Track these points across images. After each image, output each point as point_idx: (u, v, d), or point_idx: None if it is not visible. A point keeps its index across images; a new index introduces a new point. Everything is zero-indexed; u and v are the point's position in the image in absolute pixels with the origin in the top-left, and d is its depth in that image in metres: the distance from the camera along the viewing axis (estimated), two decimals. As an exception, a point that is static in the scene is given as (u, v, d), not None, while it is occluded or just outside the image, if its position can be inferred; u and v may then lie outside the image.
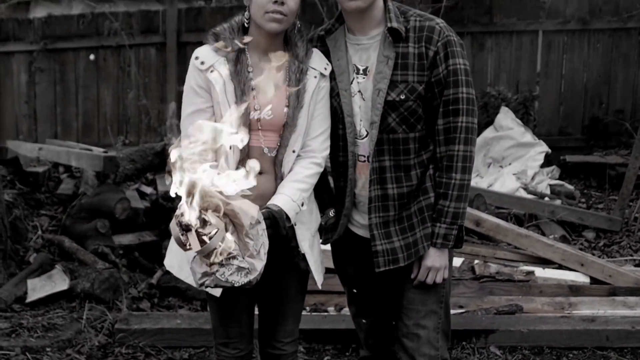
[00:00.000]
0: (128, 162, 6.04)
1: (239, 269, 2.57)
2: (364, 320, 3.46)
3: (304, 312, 4.84)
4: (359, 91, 3.07)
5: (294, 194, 2.95)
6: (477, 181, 8.11)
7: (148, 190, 6.00)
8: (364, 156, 3.10)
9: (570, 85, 9.51)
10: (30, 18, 10.05)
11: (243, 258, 2.57)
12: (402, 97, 3.00)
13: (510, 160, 8.37)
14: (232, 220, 2.57)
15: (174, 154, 2.44)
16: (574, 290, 5.26)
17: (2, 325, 4.58)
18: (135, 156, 6.17)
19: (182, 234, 2.50)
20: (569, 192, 7.73)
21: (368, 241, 3.14)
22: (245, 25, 3.04)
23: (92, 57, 9.88)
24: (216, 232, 2.48)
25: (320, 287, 3.23)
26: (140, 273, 5.40)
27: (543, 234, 6.46)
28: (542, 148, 8.35)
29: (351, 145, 3.10)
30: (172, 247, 3.17)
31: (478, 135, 8.46)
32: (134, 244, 5.60)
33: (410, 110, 3.02)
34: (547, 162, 8.59)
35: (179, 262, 3.11)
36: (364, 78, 3.06)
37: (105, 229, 5.40)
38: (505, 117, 8.55)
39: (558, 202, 7.32)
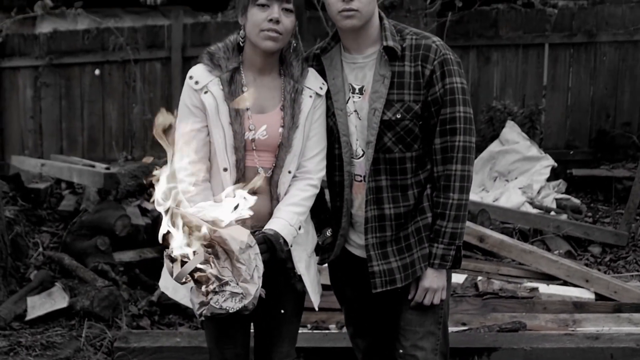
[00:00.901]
0: (130, 178, 6.02)
1: (233, 294, 2.56)
2: (361, 341, 3.42)
3: (305, 330, 4.87)
4: (355, 110, 3.04)
5: (291, 218, 2.93)
6: (483, 195, 8.08)
7: (150, 206, 5.97)
8: (361, 176, 3.08)
9: (576, 99, 9.48)
10: (36, 33, 10.07)
11: (237, 284, 2.56)
12: (398, 116, 2.97)
13: (516, 174, 8.32)
14: (222, 247, 2.56)
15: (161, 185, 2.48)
16: (579, 306, 5.21)
17: (1, 344, 4.55)
18: (138, 172, 6.15)
19: (170, 265, 2.52)
20: (575, 206, 7.68)
21: (365, 261, 3.10)
22: (241, 44, 3.02)
23: (97, 72, 9.90)
24: (191, 259, 2.49)
25: (317, 309, 3.20)
26: (141, 290, 5.37)
27: (548, 249, 6.42)
28: (548, 162, 8.30)
29: (347, 165, 3.07)
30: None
31: (484, 149, 8.45)
32: (135, 260, 5.57)
33: (406, 130, 2.99)
34: (554, 175, 8.55)
35: (173, 284, 3.08)
36: (359, 97, 3.03)
37: (106, 246, 5.37)
38: (511, 131, 8.50)
39: (564, 216, 7.27)
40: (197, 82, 2.96)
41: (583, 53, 9.41)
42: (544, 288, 5.40)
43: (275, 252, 2.83)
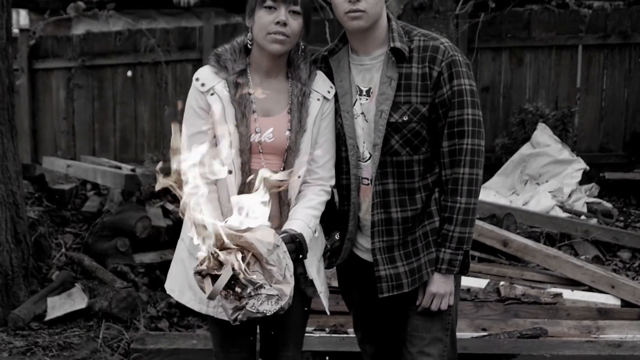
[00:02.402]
0: (154, 179, 6.01)
1: (269, 297, 2.53)
2: (369, 346, 3.38)
3: (323, 334, 4.84)
4: (362, 113, 3.01)
5: (309, 220, 2.90)
6: (513, 199, 8.00)
7: (172, 207, 5.98)
8: (368, 179, 3.04)
9: (611, 101, 9.33)
10: (69, 35, 10.18)
11: (270, 286, 2.53)
12: (405, 118, 2.93)
13: (547, 178, 8.22)
14: (250, 251, 2.52)
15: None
16: (603, 313, 5.12)
17: (18, 344, 4.58)
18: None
19: (201, 281, 2.49)
20: (606, 211, 7.55)
21: (373, 265, 3.06)
22: (248, 46, 3.00)
23: (129, 73, 9.98)
24: (221, 275, 2.45)
25: (328, 313, 3.16)
26: (162, 292, 5.37)
27: (576, 253, 6.31)
28: (580, 165, 8.18)
29: (354, 168, 3.04)
30: (172, 270, 3.16)
31: (515, 151, 8.36)
32: (156, 262, 5.58)
33: (413, 132, 2.95)
34: (587, 179, 8.44)
35: (179, 287, 3.08)
36: (367, 99, 3.00)
37: (126, 248, 5.39)
38: (542, 134, 8.40)
39: (594, 220, 7.16)
40: (203, 84, 2.95)
41: (617, 54, 9.26)
42: (568, 294, 5.31)
43: (302, 252, 2.79)
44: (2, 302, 5.02)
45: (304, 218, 2.89)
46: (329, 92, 3.02)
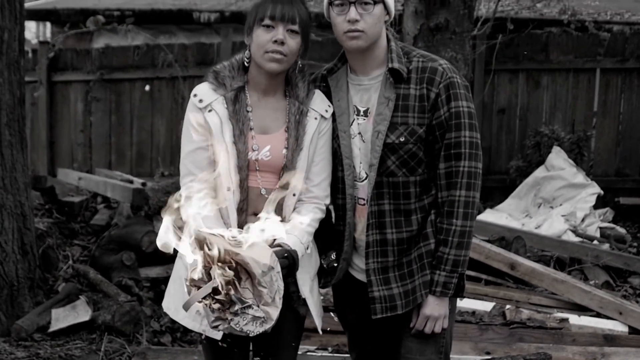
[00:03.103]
0: (163, 194, 6.05)
1: (254, 318, 2.52)
2: (364, 368, 3.36)
3: (325, 353, 4.81)
4: (359, 133, 3.00)
5: (302, 236, 2.89)
6: (526, 222, 7.95)
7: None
8: (364, 199, 3.02)
9: (628, 125, 9.30)
10: (88, 48, 10.26)
11: (258, 306, 2.52)
12: (402, 139, 2.92)
13: (561, 201, 8.17)
14: (244, 269, 2.52)
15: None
16: (609, 339, 5.07)
17: (20, 355, 4.60)
18: (171, 188, 6.18)
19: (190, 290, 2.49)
20: (619, 236, 7.49)
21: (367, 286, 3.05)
22: (246, 64, 3.01)
23: (147, 87, 10.04)
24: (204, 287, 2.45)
25: (320, 332, 3.15)
26: (165, 307, 5.37)
27: (586, 278, 6.26)
28: (594, 189, 8.14)
29: (350, 188, 3.03)
30: (170, 288, 3.15)
31: (529, 174, 8.32)
32: (162, 276, 5.57)
33: (410, 153, 2.93)
34: (602, 203, 8.38)
35: (175, 305, 3.08)
36: (364, 119, 2.99)
37: (131, 262, 5.41)
38: (557, 157, 8.36)
39: (606, 246, 7.09)
40: (201, 101, 2.95)
41: (635, 78, 9.24)
42: (575, 319, 5.26)
43: (294, 268, 2.77)
44: (7, 313, 5.05)
45: (298, 234, 2.87)
46: (326, 110, 3.01)
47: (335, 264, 3.14)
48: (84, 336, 4.96)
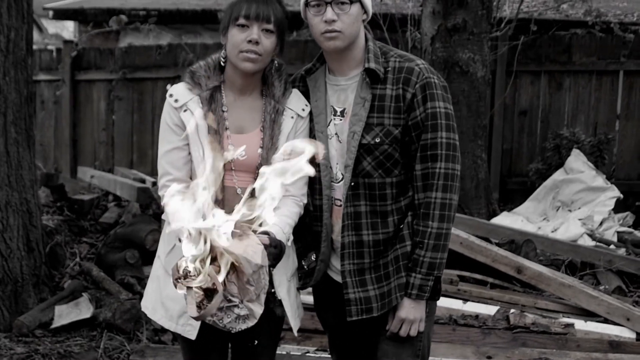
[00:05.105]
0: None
1: (238, 317, 2.51)
2: (344, 369, 3.34)
3: (324, 354, 4.79)
4: (336, 133, 2.98)
5: (284, 226, 2.85)
6: (543, 225, 7.85)
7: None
8: (340, 200, 3.00)
9: (651, 128, 9.14)
10: (112, 48, 10.33)
11: (242, 302, 2.50)
12: (377, 140, 2.89)
13: (579, 205, 8.05)
14: (234, 266, 2.50)
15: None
16: (615, 346, 4.97)
17: (19, 350, 4.64)
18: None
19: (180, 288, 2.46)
20: (637, 240, 7.36)
21: (343, 288, 3.03)
22: (222, 63, 3.00)
23: (169, 87, 10.05)
24: (212, 300, 2.42)
25: (296, 334, 3.14)
26: (167, 305, 5.38)
27: (599, 283, 6.16)
28: (614, 193, 8.00)
29: (326, 189, 3.00)
30: (148, 289, 3.15)
31: (549, 177, 8.22)
32: (165, 275, 5.59)
33: (386, 154, 2.91)
34: (624, 207, 8.25)
35: (152, 304, 3.08)
36: (340, 120, 2.97)
37: (135, 260, 5.43)
38: (577, 160, 8.25)
39: (622, 250, 6.97)
40: (176, 100, 2.96)
41: (660, 81, 9.07)
42: (581, 324, 5.18)
43: (279, 259, 2.74)
44: (10, 309, 5.10)
45: (280, 223, 2.83)
46: (303, 110, 3.00)
47: (314, 266, 3.12)
48: (85, 333, 4.99)
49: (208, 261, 2.43)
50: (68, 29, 22.48)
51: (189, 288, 2.43)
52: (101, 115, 10.42)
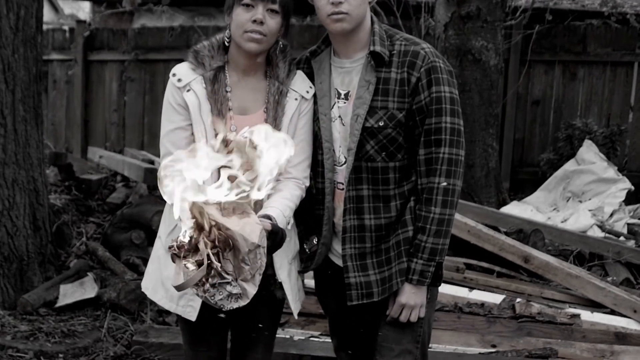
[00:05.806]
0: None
1: (230, 294, 2.49)
2: (344, 355, 3.32)
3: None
4: (339, 116, 2.95)
5: (284, 209, 2.83)
6: (553, 215, 7.80)
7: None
8: (343, 184, 2.98)
9: (666, 119, 9.06)
10: (125, 29, 10.31)
11: (236, 281, 2.48)
12: (381, 123, 2.86)
13: (590, 196, 8.00)
14: (231, 243, 2.48)
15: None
16: (620, 337, 4.94)
17: (23, 328, 4.65)
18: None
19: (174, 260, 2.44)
20: (647, 233, 7.31)
21: (344, 272, 3.01)
22: (226, 44, 2.97)
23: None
24: (195, 271, 2.40)
25: (296, 317, 3.12)
26: (172, 286, 5.38)
27: (607, 274, 6.12)
28: (625, 185, 7.94)
29: (329, 172, 2.98)
30: (149, 269, 3.14)
31: (560, 167, 8.17)
32: (172, 257, 5.58)
33: (389, 138, 2.88)
34: (635, 199, 8.19)
35: (153, 285, 3.07)
36: (344, 103, 2.94)
37: (140, 240, 5.43)
38: (588, 151, 8.20)
39: (631, 242, 6.92)
40: (180, 80, 2.92)
41: (675, 73, 8.99)
42: (587, 315, 5.14)
43: (280, 244, 2.72)
44: (15, 287, 5.11)
45: (280, 206, 2.81)
46: (307, 92, 2.97)
47: (316, 249, 3.10)
48: (89, 313, 5.00)
49: (202, 236, 2.41)
50: (84, 10, 22.46)
51: (177, 257, 2.42)
52: (113, 96, 10.41)
